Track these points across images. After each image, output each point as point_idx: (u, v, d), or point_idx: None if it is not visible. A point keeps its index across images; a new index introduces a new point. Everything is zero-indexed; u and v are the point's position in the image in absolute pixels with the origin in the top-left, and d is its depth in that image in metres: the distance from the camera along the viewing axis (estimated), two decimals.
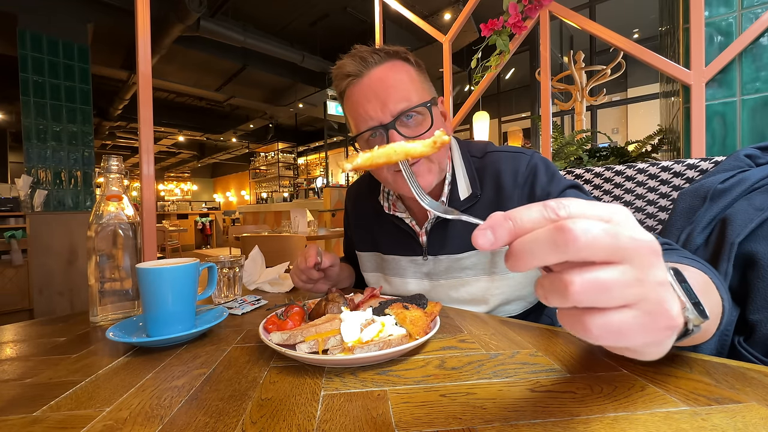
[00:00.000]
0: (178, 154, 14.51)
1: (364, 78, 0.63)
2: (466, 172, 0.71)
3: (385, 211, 0.77)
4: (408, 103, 0.61)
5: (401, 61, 0.64)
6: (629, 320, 0.21)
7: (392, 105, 0.61)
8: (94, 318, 0.64)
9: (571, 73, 3.50)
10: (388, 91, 0.61)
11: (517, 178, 0.66)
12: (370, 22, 5.20)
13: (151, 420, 0.33)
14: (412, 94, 0.62)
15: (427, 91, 0.66)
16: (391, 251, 0.78)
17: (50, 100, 3.66)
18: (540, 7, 1.65)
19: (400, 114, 0.61)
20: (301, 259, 0.75)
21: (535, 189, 0.65)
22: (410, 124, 0.63)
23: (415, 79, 0.64)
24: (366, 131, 0.64)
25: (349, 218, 0.93)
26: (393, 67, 0.63)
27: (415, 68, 0.66)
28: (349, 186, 0.99)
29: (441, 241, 0.71)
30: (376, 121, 0.62)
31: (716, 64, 1.26)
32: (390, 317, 0.49)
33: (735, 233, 0.56)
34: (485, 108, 4.61)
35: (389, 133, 0.61)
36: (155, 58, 5.53)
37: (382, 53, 0.63)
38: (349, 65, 0.63)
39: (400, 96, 0.61)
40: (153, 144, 1.38)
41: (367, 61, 0.62)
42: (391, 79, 0.62)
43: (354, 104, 0.65)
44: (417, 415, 0.32)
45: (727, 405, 0.32)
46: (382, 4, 2.33)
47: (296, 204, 6.22)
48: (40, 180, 3.60)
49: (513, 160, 0.68)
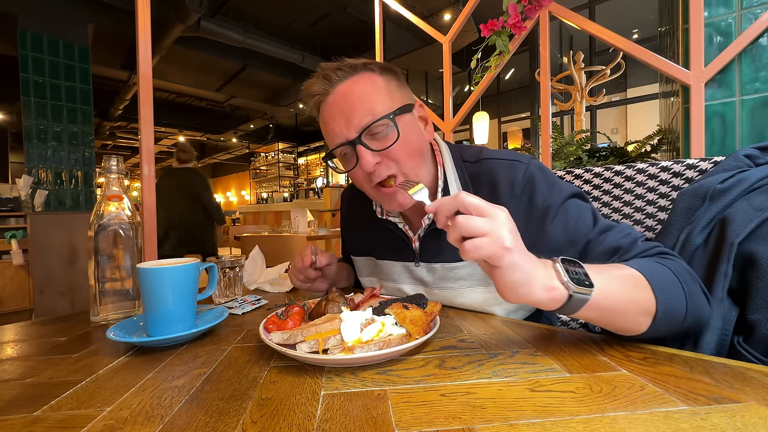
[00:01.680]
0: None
1: (330, 96, 0.63)
2: (458, 177, 0.69)
3: (378, 216, 0.76)
4: (372, 117, 0.60)
5: (367, 73, 0.63)
6: (483, 241, 0.40)
7: (356, 120, 0.60)
8: (94, 318, 0.64)
9: (571, 73, 3.51)
10: (353, 106, 0.60)
11: (514, 188, 0.63)
12: (370, 22, 5.20)
13: (152, 420, 0.33)
14: (377, 107, 0.61)
15: (397, 99, 0.64)
16: (385, 256, 0.77)
17: (51, 101, 3.66)
18: (540, 8, 1.65)
19: (365, 129, 0.60)
20: (298, 259, 0.76)
21: (534, 199, 0.63)
22: (378, 137, 0.61)
23: (382, 89, 0.63)
24: (335, 148, 0.64)
25: (344, 223, 0.92)
26: (357, 81, 0.62)
27: (383, 77, 0.64)
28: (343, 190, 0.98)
29: (434, 248, 0.70)
30: (343, 137, 0.62)
31: (716, 64, 1.26)
32: (390, 317, 0.49)
33: (735, 233, 0.56)
34: (485, 108, 4.61)
35: (357, 148, 0.61)
36: (156, 59, 5.53)
37: (346, 68, 0.63)
38: (315, 85, 0.63)
39: (363, 110, 0.60)
40: (153, 144, 1.38)
41: (331, 79, 0.62)
42: (354, 93, 0.61)
43: (323, 123, 0.65)
44: (417, 414, 0.32)
45: (726, 405, 0.32)
46: (382, 5, 2.33)
47: (296, 204, 6.23)
48: (40, 180, 3.60)
49: (509, 169, 0.65)
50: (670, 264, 0.51)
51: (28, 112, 3.54)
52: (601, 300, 0.42)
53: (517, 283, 0.40)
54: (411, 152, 0.63)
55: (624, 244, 0.57)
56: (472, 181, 0.68)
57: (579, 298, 0.41)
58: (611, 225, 0.60)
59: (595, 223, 0.60)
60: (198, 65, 6.95)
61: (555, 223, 0.61)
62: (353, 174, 0.66)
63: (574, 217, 0.61)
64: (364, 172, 0.62)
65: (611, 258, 0.57)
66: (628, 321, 0.46)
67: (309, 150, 12.14)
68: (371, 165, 0.61)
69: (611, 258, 0.57)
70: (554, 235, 0.61)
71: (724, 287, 0.55)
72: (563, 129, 5.15)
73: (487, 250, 0.39)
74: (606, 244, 0.58)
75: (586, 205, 0.63)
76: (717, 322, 0.55)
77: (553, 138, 1.89)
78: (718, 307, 0.55)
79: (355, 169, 0.64)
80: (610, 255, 0.57)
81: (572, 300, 0.41)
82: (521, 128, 7.76)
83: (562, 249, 0.61)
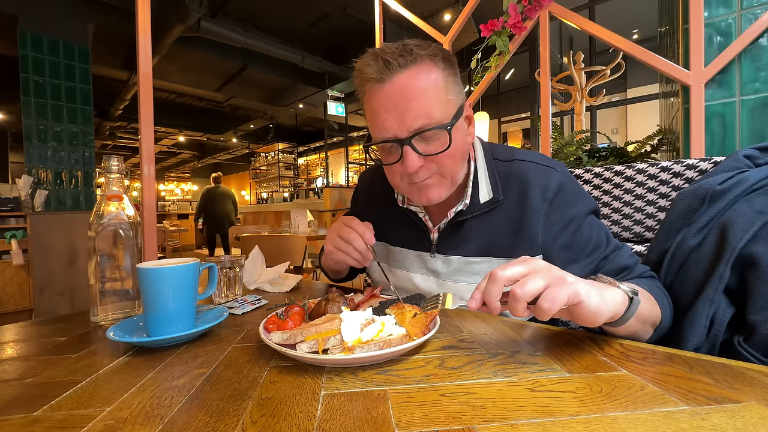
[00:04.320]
0: (179, 154, 14.50)
1: (386, 85, 0.57)
2: (488, 175, 0.69)
3: (398, 203, 0.75)
4: (427, 120, 0.57)
5: (429, 65, 0.58)
6: (552, 291, 0.40)
7: (410, 121, 0.57)
8: (94, 318, 0.64)
9: (571, 73, 3.51)
10: (409, 105, 0.56)
11: (546, 193, 0.64)
12: (370, 22, 5.20)
13: (152, 420, 0.33)
14: (434, 109, 0.57)
15: (453, 100, 0.60)
16: (400, 243, 0.77)
17: (51, 101, 3.65)
18: (540, 8, 1.65)
19: (417, 132, 0.57)
20: (355, 236, 0.66)
21: (563, 208, 0.63)
22: (428, 140, 0.59)
23: (441, 87, 0.58)
24: (381, 142, 0.61)
25: (359, 204, 0.89)
26: (417, 74, 0.57)
27: (444, 71, 0.59)
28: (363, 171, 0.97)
29: (454, 241, 0.69)
30: (392, 134, 0.59)
31: (716, 64, 1.27)
32: (390, 317, 0.49)
33: (737, 238, 0.56)
34: (485, 108, 4.61)
35: (404, 148, 0.58)
36: (156, 59, 5.53)
37: (409, 56, 0.57)
38: (371, 68, 0.58)
39: (420, 111, 0.56)
40: (153, 144, 1.38)
41: (390, 65, 0.57)
42: (413, 90, 0.57)
43: (372, 111, 0.60)
44: (417, 414, 0.32)
45: (726, 405, 0.32)
46: (382, 5, 2.33)
47: (296, 204, 6.23)
48: (40, 180, 3.60)
49: (542, 174, 0.65)
50: (659, 285, 0.62)
51: (28, 112, 3.54)
52: (640, 308, 0.47)
53: (599, 304, 0.42)
54: (456, 159, 0.62)
55: (630, 264, 0.63)
56: (501, 179, 0.68)
57: (636, 301, 0.45)
58: (620, 245, 0.66)
59: (608, 241, 0.65)
60: (198, 65, 6.94)
61: (578, 234, 0.64)
62: (391, 168, 0.64)
63: (594, 231, 0.64)
64: (406, 171, 0.60)
65: (619, 275, 0.62)
66: (645, 331, 0.54)
67: (309, 150, 12.13)
68: (416, 167, 0.59)
69: (619, 275, 0.62)
70: (575, 246, 0.64)
71: (717, 289, 0.56)
72: (563, 129, 5.14)
73: (562, 295, 0.40)
74: (617, 261, 0.63)
75: (601, 223, 0.67)
76: (702, 321, 0.56)
77: (553, 138, 1.89)
78: (706, 307, 0.57)
79: (395, 164, 0.62)
80: (619, 272, 0.62)
81: (632, 304, 0.45)
82: (521, 128, 7.75)
83: (580, 259, 0.64)
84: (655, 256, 0.69)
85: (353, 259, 0.68)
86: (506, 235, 0.66)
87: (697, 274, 0.60)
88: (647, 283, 0.59)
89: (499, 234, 0.66)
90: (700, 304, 0.57)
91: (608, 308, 0.43)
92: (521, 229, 0.64)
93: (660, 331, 0.56)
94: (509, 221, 0.66)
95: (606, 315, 0.43)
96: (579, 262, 0.63)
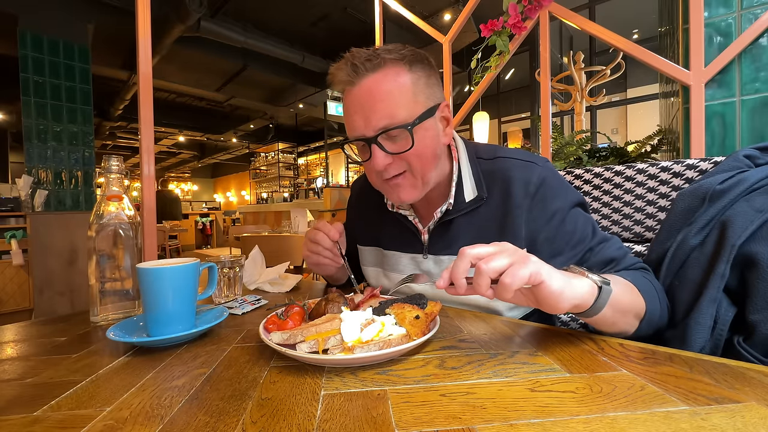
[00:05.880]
0: (179, 154, 14.50)
1: (354, 87, 0.62)
2: (471, 173, 0.70)
3: (388, 208, 0.77)
4: (390, 120, 0.60)
5: (396, 68, 0.61)
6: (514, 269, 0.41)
7: (375, 121, 0.60)
8: (94, 318, 0.64)
9: (571, 73, 3.51)
10: (375, 106, 0.60)
11: (528, 188, 0.65)
12: (370, 22, 5.20)
13: (152, 420, 0.33)
14: (399, 110, 0.60)
15: (421, 102, 0.62)
16: (392, 247, 0.78)
17: (51, 101, 3.66)
18: (540, 8, 1.65)
19: (382, 131, 0.61)
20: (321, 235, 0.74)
21: (546, 202, 0.65)
22: (395, 139, 0.62)
23: (407, 90, 0.61)
24: (353, 140, 0.65)
25: (353, 211, 0.93)
26: (383, 77, 0.60)
27: (411, 73, 0.62)
28: (354, 180, 0.99)
29: (444, 241, 0.71)
30: (360, 133, 0.63)
31: (716, 64, 1.26)
32: (390, 317, 0.49)
33: (736, 236, 0.56)
34: (485, 108, 4.61)
35: (371, 146, 0.62)
36: (156, 59, 5.53)
37: (375, 60, 0.60)
38: (342, 72, 0.62)
39: (384, 112, 0.60)
40: (153, 144, 1.38)
41: (358, 69, 0.60)
42: (378, 93, 0.60)
43: (345, 111, 0.66)
44: (417, 414, 0.32)
45: (726, 405, 0.32)
46: (382, 5, 2.33)
47: (296, 204, 6.22)
48: (40, 180, 3.60)
49: (524, 170, 0.66)
50: (649, 277, 0.61)
51: (28, 112, 3.54)
52: (615, 298, 0.47)
53: (562, 287, 0.43)
54: (424, 158, 0.64)
55: (617, 256, 0.63)
56: (485, 177, 0.69)
57: (606, 290, 0.46)
58: (608, 237, 0.66)
59: (594, 234, 0.65)
60: (198, 65, 6.94)
61: (561, 227, 0.64)
62: (367, 166, 0.68)
63: (579, 224, 0.65)
64: (374, 168, 0.64)
65: (606, 267, 0.63)
66: (627, 323, 0.53)
67: (309, 150, 12.13)
68: (383, 165, 0.63)
69: (606, 267, 0.63)
70: (559, 239, 0.64)
71: (719, 288, 0.56)
72: (563, 129, 5.14)
73: (524, 273, 0.41)
74: (603, 253, 0.63)
75: (587, 215, 0.67)
76: (707, 321, 0.56)
77: (553, 138, 1.89)
78: (711, 306, 0.56)
79: (368, 162, 0.65)
80: (605, 264, 0.63)
81: (602, 293, 0.45)
82: (521, 128, 7.75)
83: (564, 252, 0.64)
84: (656, 255, 0.69)
85: (325, 258, 0.74)
86: (492, 232, 0.67)
87: (698, 274, 0.60)
88: (632, 275, 0.58)
89: (486, 231, 0.67)
90: (704, 303, 0.56)
91: (573, 293, 0.43)
92: (506, 224, 0.66)
93: (650, 324, 0.55)
94: (494, 218, 0.67)
95: (569, 300, 0.43)
96: (563, 254, 0.64)
